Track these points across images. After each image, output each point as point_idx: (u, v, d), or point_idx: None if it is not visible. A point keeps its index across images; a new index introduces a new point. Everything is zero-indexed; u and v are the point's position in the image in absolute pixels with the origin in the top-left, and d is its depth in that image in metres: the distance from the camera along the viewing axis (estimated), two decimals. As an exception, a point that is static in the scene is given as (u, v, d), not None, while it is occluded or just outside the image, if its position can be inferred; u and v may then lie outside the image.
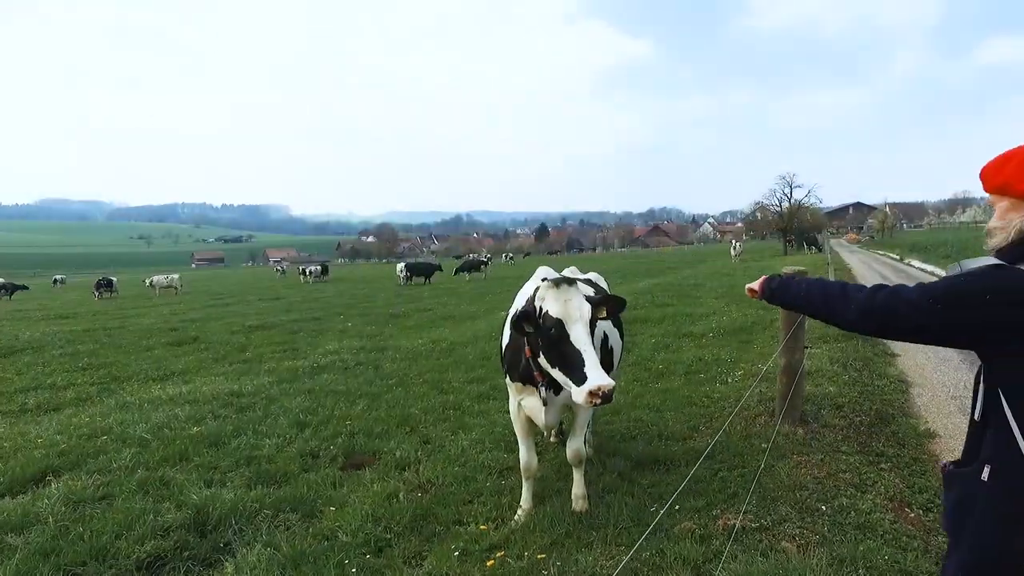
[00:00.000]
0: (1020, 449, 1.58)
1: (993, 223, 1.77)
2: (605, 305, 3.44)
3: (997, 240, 1.73)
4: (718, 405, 6.51)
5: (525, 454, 4.27)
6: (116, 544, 3.95)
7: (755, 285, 2.37)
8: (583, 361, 3.05)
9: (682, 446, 5.32)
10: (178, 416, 7.15)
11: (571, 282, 3.33)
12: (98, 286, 35.45)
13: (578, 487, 4.27)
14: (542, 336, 3.26)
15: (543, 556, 3.60)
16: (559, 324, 3.16)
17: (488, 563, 3.59)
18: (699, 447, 5.28)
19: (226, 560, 3.89)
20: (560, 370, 3.21)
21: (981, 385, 1.74)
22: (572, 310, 3.19)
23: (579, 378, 3.03)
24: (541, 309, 3.27)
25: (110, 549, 3.89)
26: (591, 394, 2.96)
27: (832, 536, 3.55)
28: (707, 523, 3.80)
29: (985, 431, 1.72)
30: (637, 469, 4.88)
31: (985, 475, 1.67)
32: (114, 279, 38.31)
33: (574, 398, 3.12)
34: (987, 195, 1.83)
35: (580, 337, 3.11)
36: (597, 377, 2.97)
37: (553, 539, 3.80)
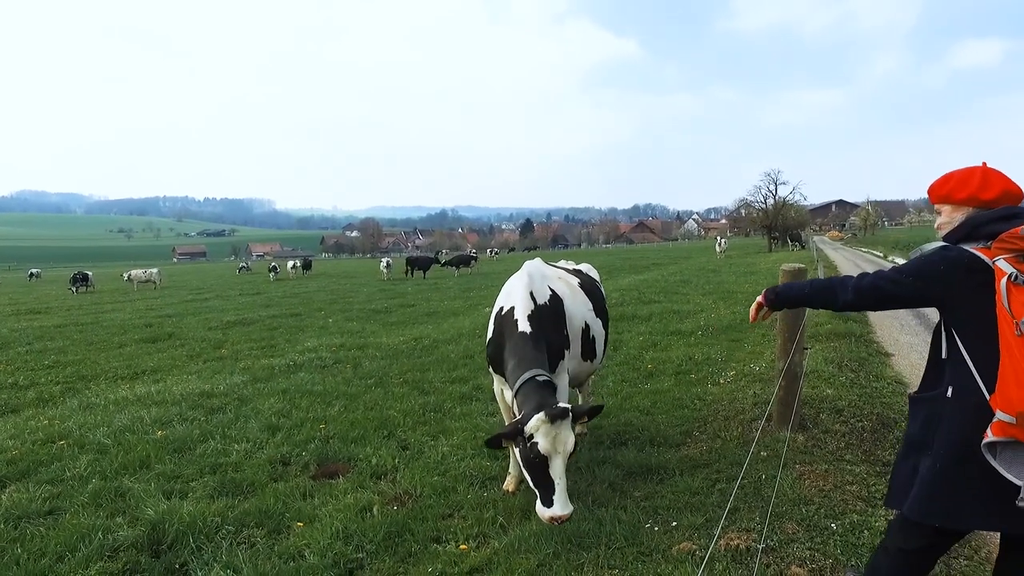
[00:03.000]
0: (973, 375, 2.16)
1: (941, 221, 2.48)
2: (587, 414, 3.83)
3: (945, 231, 2.43)
4: (711, 408, 6.22)
5: None
6: (56, 568, 3.58)
7: (759, 299, 2.90)
8: (554, 490, 3.39)
9: (676, 453, 5.02)
10: (143, 419, 6.74)
11: (564, 414, 3.45)
12: (74, 280, 34.59)
13: None
14: (525, 457, 3.45)
15: (528, 581, 3.29)
16: (544, 458, 3.40)
17: (468, 589, 3.27)
18: (693, 454, 5.00)
19: (180, 584, 3.54)
20: (533, 485, 3.49)
21: (943, 332, 2.35)
22: (559, 445, 3.41)
23: (547, 502, 3.39)
24: (531, 437, 3.41)
25: (48, 575, 3.51)
26: (551, 519, 3.36)
27: (846, 560, 3.25)
28: (708, 543, 3.50)
29: (946, 365, 2.31)
30: (629, 479, 4.57)
31: (949, 394, 2.24)
32: (90, 273, 37.36)
33: (536, 510, 3.46)
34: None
35: (558, 471, 3.41)
36: (560, 508, 3.35)
37: (540, 560, 3.48)
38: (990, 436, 2.04)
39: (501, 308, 4.29)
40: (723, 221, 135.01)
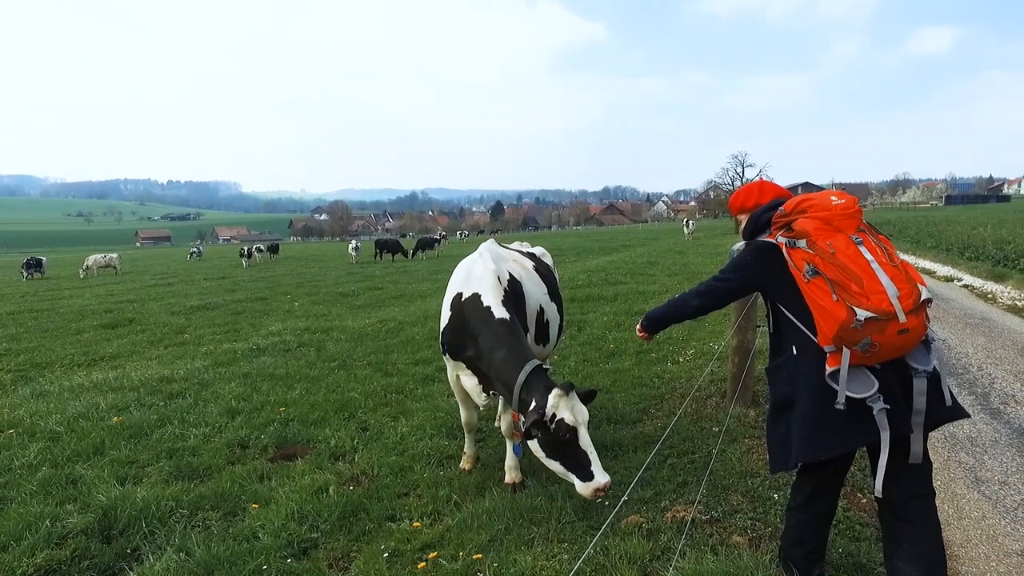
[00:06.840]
0: (803, 330, 2.60)
1: (742, 227, 3.07)
2: (584, 398, 3.63)
3: (743, 233, 3.03)
4: (669, 386, 6.34)
5: (465, 414, 4.56)
6: (0, 558, 3.52)
7: (638, 329, 3.33)
8: (590, 461, 3.34)
9: (631, 430, 5.11)
10: (99, 405, 6.62)
11: (572, 386, 3.48)
12: (27, 266, 33.47)
13: (510, 458, 4.28)
14: (553, 440, 3.39)
15: (479, 556, 3.33)
16: (573, 430, 3.37)
17: (419, 565, 3.31)
18: (649, 431, 5.09)
19: (130, 569, 3.51)
20: (563, 465, 3.42)
21: (769, 312, 2.84)
22: (579, 416, 3.41)
23: (586, 476, 3.32)
24: (555, 416, 3.39)
25: (-8, 563, 3.46)
26: (596, 491, 3.28)
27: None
28: (655, 516, 3.59)
29: (781, 334, 2.77)
30: (584, 456, 4.64)
31: (794, 351, 2.67)
32: (43, 259, 36.16)
33: (579, 491, 3.38)
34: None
35: (586, 440, 3.39)
36: (601, 476, 3.30)
37: (491, 536, 3.54)
38: (828, 368, 2.46)
39: (460, 294, 4.15)
40: (692, 203, 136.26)
